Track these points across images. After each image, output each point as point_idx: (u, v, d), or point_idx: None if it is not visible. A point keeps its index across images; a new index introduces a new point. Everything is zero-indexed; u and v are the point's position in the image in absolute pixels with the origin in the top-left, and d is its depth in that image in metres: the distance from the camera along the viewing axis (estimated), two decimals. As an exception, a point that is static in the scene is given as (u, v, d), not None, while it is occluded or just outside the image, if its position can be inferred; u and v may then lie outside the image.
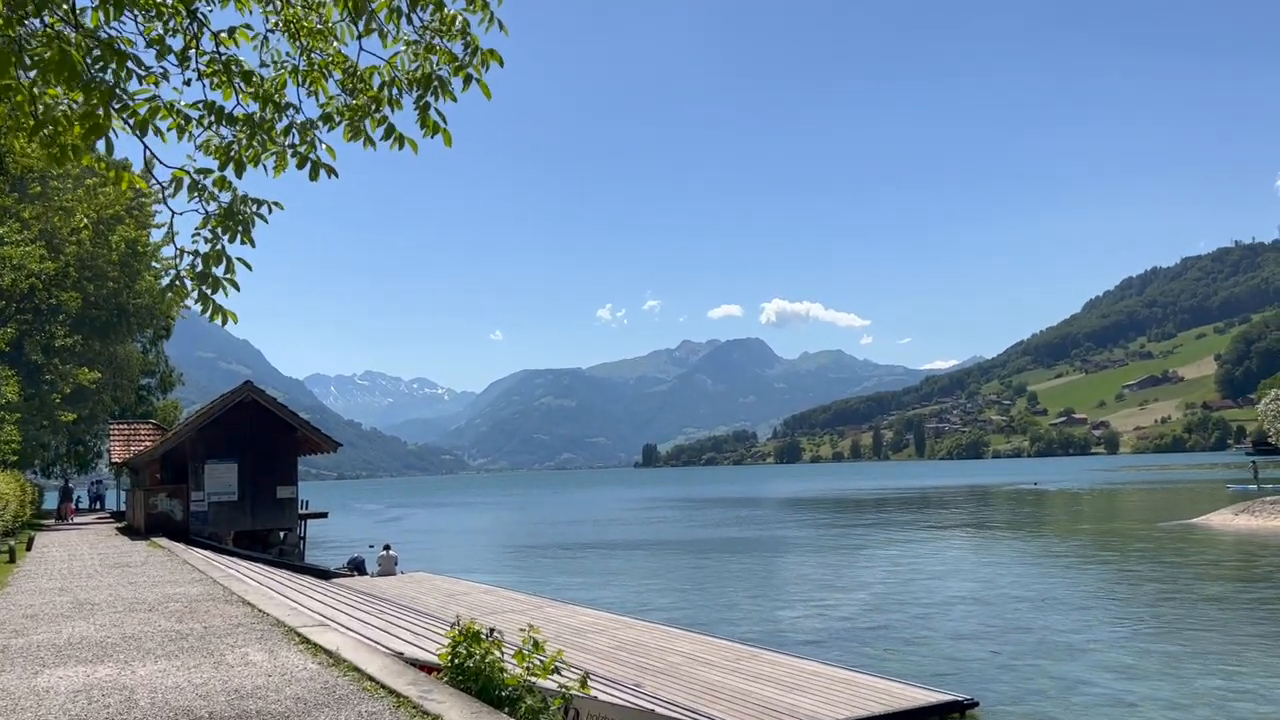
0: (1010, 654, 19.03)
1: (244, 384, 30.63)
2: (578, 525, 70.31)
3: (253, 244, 5.10)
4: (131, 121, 4.80)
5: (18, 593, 14.16)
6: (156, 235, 44.60)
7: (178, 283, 5.21)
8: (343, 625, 12.21)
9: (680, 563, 40.45)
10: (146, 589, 14.28)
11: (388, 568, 30.73)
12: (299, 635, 9.46)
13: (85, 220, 28.92)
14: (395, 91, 5.34)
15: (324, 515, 36.86)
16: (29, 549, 23.58)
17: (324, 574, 28.24)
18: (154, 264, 45.23)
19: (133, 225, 40.98)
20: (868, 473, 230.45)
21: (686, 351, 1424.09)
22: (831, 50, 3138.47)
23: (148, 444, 36.15)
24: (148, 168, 5.12)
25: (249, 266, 5.19)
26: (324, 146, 5.44)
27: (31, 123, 4.46)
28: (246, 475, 29.59)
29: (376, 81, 5.39)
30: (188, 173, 5.10)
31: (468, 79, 5.28)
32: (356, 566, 31.80)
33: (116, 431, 42.41)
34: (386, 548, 32.54)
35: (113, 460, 41.47)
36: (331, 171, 5.41)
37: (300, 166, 5.35)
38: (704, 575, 35.27)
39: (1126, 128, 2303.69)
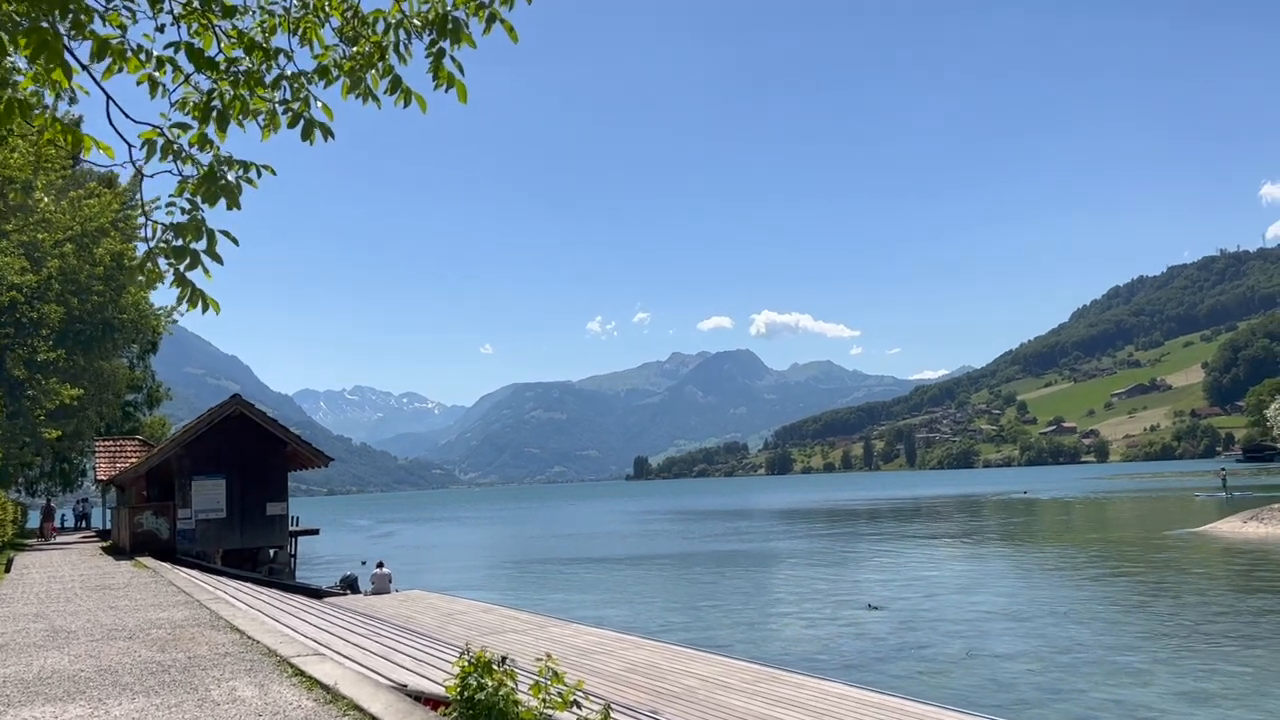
0: (1054, 675, 17.83)
1: (232, 397, 29.70)
2: (573, 539, 69.40)
3: (239, 207, 4.28)
4: (88, 61, 4.00)
5: (-11, 620, 13.26)
6: (142, 249, 43.71)
7: (150, 262, 4.38)
8: (339, 651, 11.35)
9: (684, 577, 39.55)
10: (128, 614, 13.40)
11: (382, 586, 29.79)
12: (292, 666, 8.62)
13: (45, 198, 27.71)
14: (404, 35, 4.56)
15: (315, 532, 35.86)
16: (8, 570, 22.62)
17: (316, 593, 27.30)
18: (139, 277, 44.37)
19: (117, 238, 40.03)
20: (860, 483, 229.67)
21: (677, 363, 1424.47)
22: (817, 64, 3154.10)
23: (134, 460, 35.17)
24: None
25: (234, 241, 4.37)
26: (319, 105, 4.65)
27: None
28: (235, 492, 28.66)
29: (381, 26, 4.60)
30: (160, 131, 4.30)
31: (490, 19, 4.50)
32: (349, 585, 30.84)
33: (102, 448, 41.43)
34: (380, 565, 31.61)
35: (98, 478, 40.48)
36: (327, 132, 4.61)
37: (292, 125, 4.55)
38: (711, 590, 34.33)
39: (1111, 136, 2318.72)
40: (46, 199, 27.84)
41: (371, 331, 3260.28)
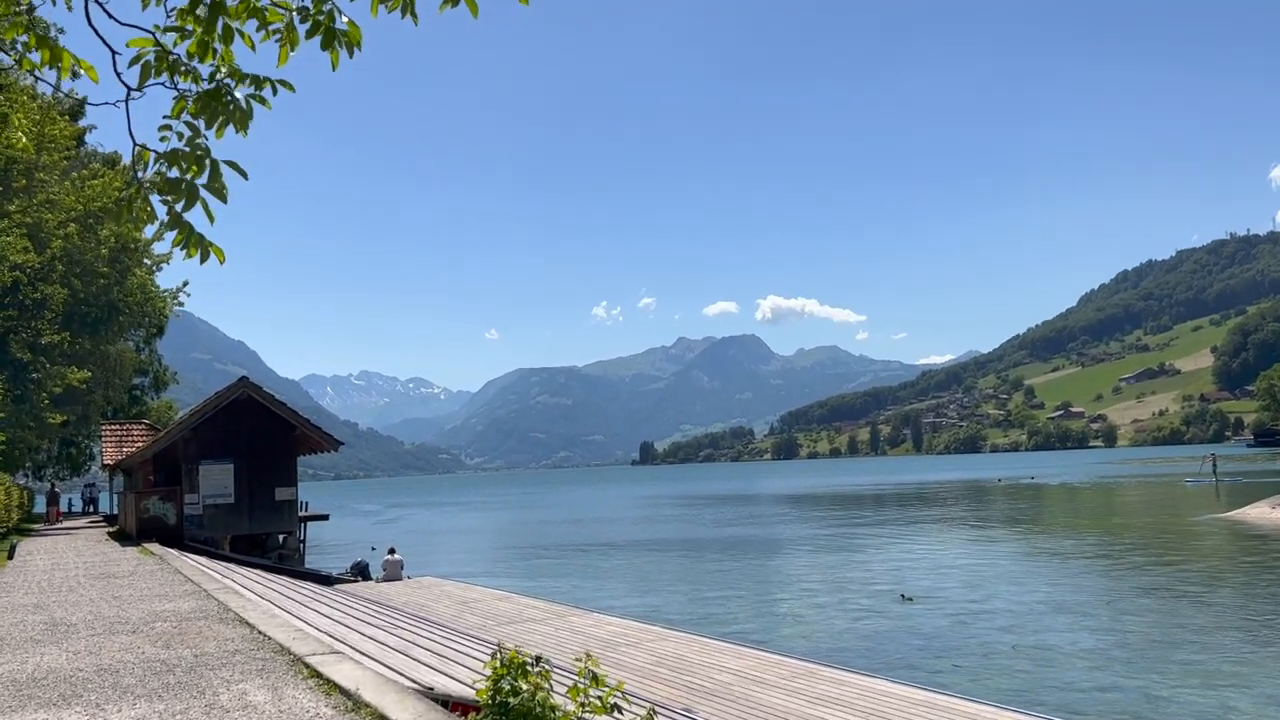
0: (1115, 672, 16.75)
1: (240, 380, 29.04)
2: (583, 524, 68.84)
3: (245, 132, 3.51)
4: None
5: (-14, 611, 12.60)
6: (149, 230, 43.05)
7: (138, 199, 3.61)
8: (355, 647, 10.67)
9: (701, 564, 38.76)
10: (132, 605, 12.73)
11: (394, 572, 29.17)
12: (308, 666, 7.91)
13: (26, 140, 26.52)
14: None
15: (325, 518, 35.28)
16: (11, 557, 22.04)
17: (326, 580, 26.69)
18: (145, 260, 43.72)
19: (121, 218, 39.40)
20: (868, 468, 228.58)
21: (682, 348, 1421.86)
22: (824, 46, 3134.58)
23: (140, 444, 34.58)
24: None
25: (244, 174, 3.61)
26: (343, 19, 3.89)
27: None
28: (243, 476, 28.02)
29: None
30: (155, 39, 3.54)
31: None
32: (360, 571, 30.26)
33: (109, 432, 40.97)
34: (391, 551, 30.96)
35: (105, 462, 39.97)
36: (353, 44, 3.83)
37: (311, 35, 3.78)
38: (731, 578, 33.43)
39: (1121, 120, 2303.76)
40: (41, 156, 26.81)
41: (378, 317, 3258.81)
